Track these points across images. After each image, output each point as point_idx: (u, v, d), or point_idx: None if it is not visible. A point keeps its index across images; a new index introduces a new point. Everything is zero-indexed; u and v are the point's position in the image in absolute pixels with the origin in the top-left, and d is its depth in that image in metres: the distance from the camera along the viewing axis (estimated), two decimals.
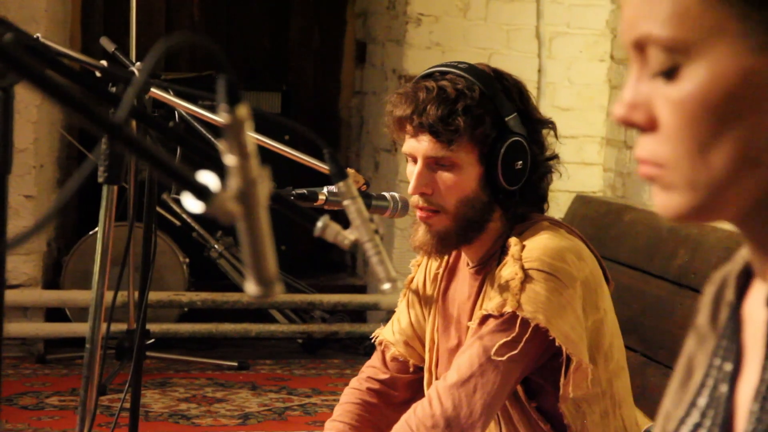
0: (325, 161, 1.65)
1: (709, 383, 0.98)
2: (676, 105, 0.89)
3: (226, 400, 4.42)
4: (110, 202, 2.10)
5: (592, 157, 5.27)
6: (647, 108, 0.91)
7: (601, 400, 2.04)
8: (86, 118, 0.86)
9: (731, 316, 0.98)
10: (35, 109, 4.82)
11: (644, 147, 0.92)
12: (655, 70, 0.90)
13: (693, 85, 0.88)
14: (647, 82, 0.91)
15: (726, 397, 0.95)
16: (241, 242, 0.92)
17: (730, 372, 0.95)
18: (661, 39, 0.89)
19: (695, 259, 3.79)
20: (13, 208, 4.59)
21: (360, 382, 2.28)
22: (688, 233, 3.92)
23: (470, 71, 2.04)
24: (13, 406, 4.23)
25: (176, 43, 0.93)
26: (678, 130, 0.89)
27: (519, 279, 1.95)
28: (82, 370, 2.05)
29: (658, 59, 0.89)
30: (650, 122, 0.91)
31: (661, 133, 0.90)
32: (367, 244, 1.60)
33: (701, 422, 0.97)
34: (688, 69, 0.88)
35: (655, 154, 0.91)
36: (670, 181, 0.90)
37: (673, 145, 0.89)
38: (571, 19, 5.21)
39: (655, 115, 0.90)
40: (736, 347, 0.96)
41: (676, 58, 0.88)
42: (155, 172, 0.88)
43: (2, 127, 1.54)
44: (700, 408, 0.98)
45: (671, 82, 0.89)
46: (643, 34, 0.90)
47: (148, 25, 5.73)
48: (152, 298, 4.54)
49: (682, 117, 0.88)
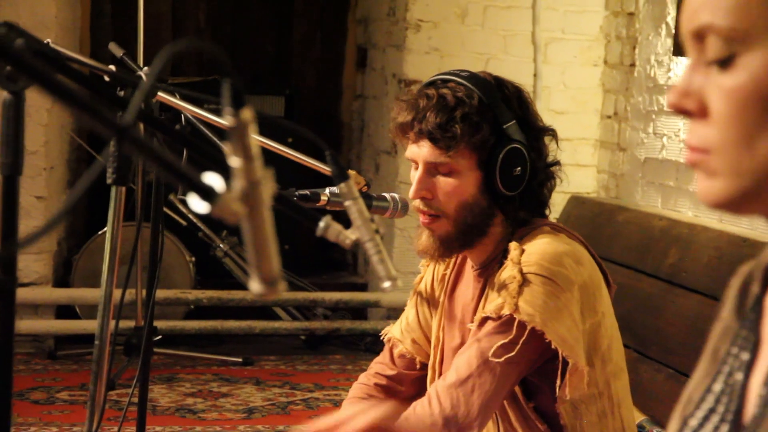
0: (327, 163, 1.65)
1: (725, 370, 0.98)
2: (729, 93, 0.89)
3: (231, 395, 4.42)
4: (119, 202, 2.10)
5: (587, 159, 5.27)
6: (699, 96, 0.91)
7: (599, 401, 2.03)
8: (95, 121, 0.86)
9: (753, 307, 0.98)
10: (46, 112, 4.82)
11: (694, 133, 0.92)
12: (711, 59, 0.90)
13: (747, 75, 0.88)
14: (702, 71, 0.91)
15: (741, 384, 0.95)
16: (245, 242, 0.92)
17: (747, 361, 0.95)
18: (721, 28, 0.89)
19: (686, 258, 3.79)
20: (24, 208, 4.59)
21: (368, 378, 2.28)
22: (679, 233, 3.92)
23: (471, 79, 2.04)
24: (25, 400, 4.23)
25: (182, 48, 0.93)
26: (728, 117, 0.89)
27: (517, 282, 1.95)
28: (91, 365, 2.05)
29: (715, 47, 0.90)
30: (701, 110, 0.91)
31: (711, 120, 0.90)
32: (367, 244, 1.60)
33: (715, 407, 0.97)
34: (744, 58, 0.88)
35: (703, 141, 0.91)
36: (715, 167, 0.90)
37: (721, 131, 0.90)
38: (566, 25, 5.21)
39: (706, 103, 0.91)
40: (754, 337, 0.96)
41: (734, 47, 0.89)
42: (162, 174, 0.88)
43: (13, 130, 1.54)
44: (715, 393, 0.98)
45: (726, 71, 0.89)
46: (705, 23, 0.90)
47: (155, 31, 5.73)
48: (159, 296, 4.54)
49: (734, 105, 0.89)
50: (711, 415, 0.97)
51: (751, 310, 0.98)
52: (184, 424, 4.03)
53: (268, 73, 6.03)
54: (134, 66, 2.62)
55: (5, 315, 1.51)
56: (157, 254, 2.53)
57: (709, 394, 0.99)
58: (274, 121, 4.84)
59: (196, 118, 2.36)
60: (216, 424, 4.05)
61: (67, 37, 5.16)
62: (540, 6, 5.15)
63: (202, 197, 0.87)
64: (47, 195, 4.87)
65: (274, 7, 6.05)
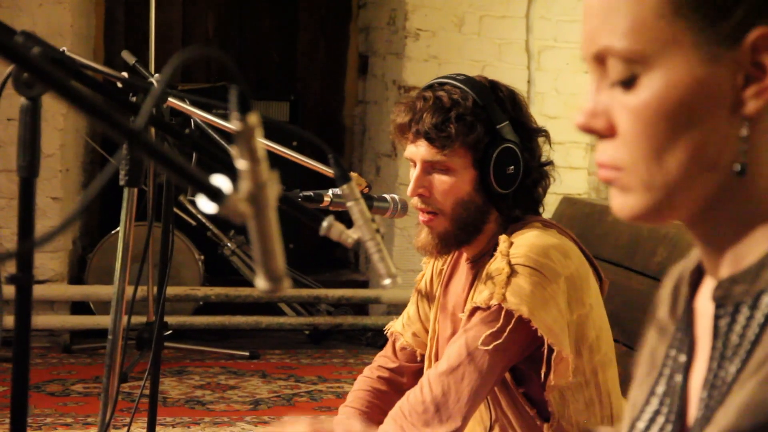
0: (330, 165, 1.65)
1: (666, 372, 0.98)
2: (634, 112, 0.89)
3: (238, 387, 4.42)
4: (131, 203, 2.10)
5: (578, 161, 5.27)
6: (606, 116, 0.91)
7: (585, 390, 2.03)
8: (108, 125, 0.86)
9: (685, 309, 0.98)
10: (61, 117, 4.82)
11: (604, 152, 0.92)
12: (614, 80, 0.90)
13: (650, 94, 0.88)
14: (606, 91, 0.91)
15: (681, 386, 0.95)
16: (251, 241, 0.92)
17: (684, 363, 0.95)
18: (620, 51, 0.89)
19: (673, 256, 3.79)
20: (40, 209, 4.59)
21: (372, 371, 2.30)
22: (667, 232, 3.92)
23: (467, 82, 2.04)
24: (41, 392, 4.22)
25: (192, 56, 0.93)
26: (635, 135, 0.89)
27: (505, 273, 1.95)
28: (104, 359, 2.05)
29: (617, 70, 0.89)
30: (609, 129, 0.91)
31: (620, 138, 0.90)
32: (369, 243, 1.60)
33: (659, 409, 0.97)
34: (646, 78, 0.88)
35: (613, 158, 0.91)
36: (627, 183, 0.90)
37: (630, 149, 0.89)
38: (558, 33, 5.21)
39: (614, 122, 0.90)
40: (689, 339, 0.96)
41: (634, 68, 0.88)
42: (172, 176, 0.88)
43: (30, 133, 1.54)
44: (658, 396, 0.98)
45: (629, 91, 0.89)
46: (603, 47, 0.90)
47: (165, 40, 5.73)
48: (170, 293, 4.54)
49: (640, 123, 0.88)
50: (656, 417, 0.97)
51: (683, 313, 0.98)
52: (193, 415, 4.03)
53: (273, 80, 6.03)
54: (146, 73, 2.62)
55: (23, 310, 1.51)
56: (167, 253, 2.53)
57: (653, 396, 0.98)
58: (280, 126, 4.83)
59: (204, 123, 2.36)
60: (224, 415, 4.04)
61: (81, 45, 5.16)
62: (533, 15, 5.15)
63: (210, 198, 0.88)
64: (63, 196, 4.87)
65: (280, 18, 6.05)
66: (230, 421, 3.98)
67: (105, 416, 2.05)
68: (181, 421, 3.96)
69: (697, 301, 0.97)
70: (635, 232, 4.11)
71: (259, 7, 6.01)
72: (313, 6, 6.06)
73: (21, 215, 1.50)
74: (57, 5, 4.78)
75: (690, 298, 0.98)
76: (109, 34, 5.74)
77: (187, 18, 5.94)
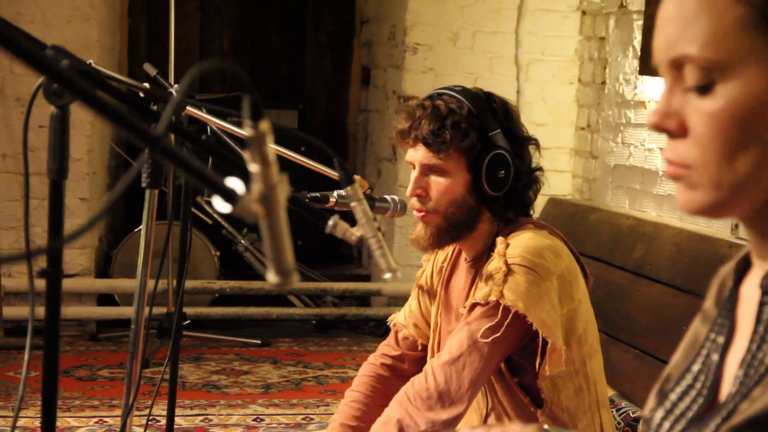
0: (335, 169, 1.65)
1: (703, 353, 0.98)
2: (709, 116, 0.87)
3: (251, 373, 4.41)
4: (152, 203, 2.10)
5: (563, 165, 5.27)
6: (679, 117, 0.90)
7: (575, 378, 2.03)
8: (131, 132, 0.86)
9: (729, 295, 0.98)
10: (89, 124, 4.82)
11: (674, 150, 0.90)
12: (690, 86, 0.88)
13: (726, 101, 0.86)
14: (680, 95, 0.90)
15: (716, 364, 0.94)
16: (263, 238, 0.91)
17: (722, 344, 0.95)
18: (699, 59, 0.87)
19: (650, 253, 3.79)
20: (69, 208, 4.59)
21: (375, 358, 2.30)
22: (644, 230, 3.91)
23: (463, 93, 2.05)
24: (70, 377, 4.22)
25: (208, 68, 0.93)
26: (709, 138, 0.87)
27: (503, 272, 1.95)
28: (128, 346, 2.05)
29: (694, 76, 0.88)
30: (681, 129, 0.89)
31: (692, 139, 0.89)
32: (371, 240, 1.59)
33: (693, 384, 0.97)
34: (722, 86, 0.86)
35: (683, 157, 0.89)
36: (696, 180, 0.89)
37: (702, 150, 0.88)
38: (545, 48, 5.21)
39: (686, 124, 0.89)
40: (729, 323, 0.95)
41: (712, 75, 0.87)
42: (190, 178, 0.88)
43: (60, 139, 1.54)
44: (693, 372, 0.98)
45: (705, 96, 0.87)
46: (682, 54, 0.88)
47: (184, 53, 5.73)
48: (188, 286, 4.54)
49: (714, 127, 0.87)
50: (690, 390, 0.96)
51: (726, 300, 0.98)
52: (209, 398, 4.03)
53: (283, 91, 6.03)
54: (166, 84, 2.61)
55: (53, 302, 1.51)
56: (186, 249, 2.52)
57: (688, 373, 0.98)
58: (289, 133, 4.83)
59: (220, 130, 2.35)
60: (238, 398, 4.04)
61: (107, 58, 5.16)
62: (522, 31, 5.15)
63: (225, 199, 0.87)
64: (89, 197, 4.87)
65: (289, 34, 6.04)
66: (243, 403, 3.98)
67: (128, 399, 2.05)
68: (198, 403, 3.96)
69: (742, 288, 0.97)
70: (615, 229, 4.11)
71: (269, 23, 6.01)
72: (320, 23, 6.06)
73: (51, 215, 1.50)
74: (84, 22, 4.78)
75: (735, 285, 0.98)
76: (133, 48, 5.74)
77: (204, 34, 5.94)
